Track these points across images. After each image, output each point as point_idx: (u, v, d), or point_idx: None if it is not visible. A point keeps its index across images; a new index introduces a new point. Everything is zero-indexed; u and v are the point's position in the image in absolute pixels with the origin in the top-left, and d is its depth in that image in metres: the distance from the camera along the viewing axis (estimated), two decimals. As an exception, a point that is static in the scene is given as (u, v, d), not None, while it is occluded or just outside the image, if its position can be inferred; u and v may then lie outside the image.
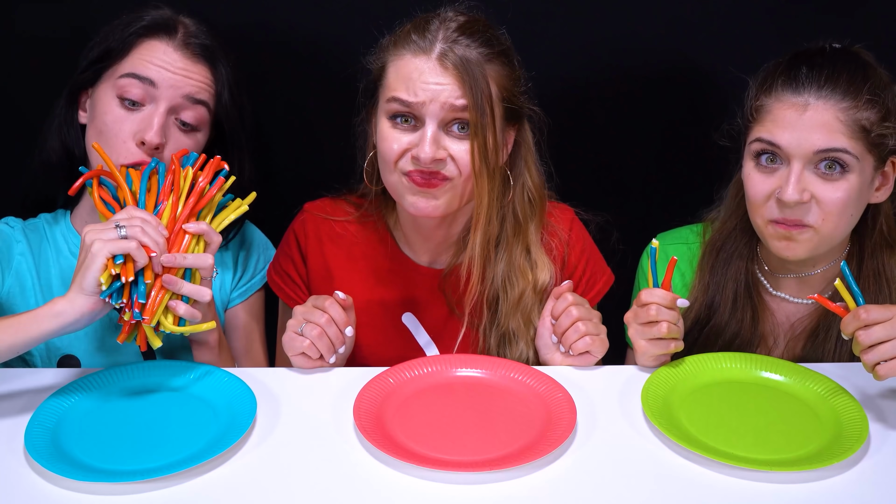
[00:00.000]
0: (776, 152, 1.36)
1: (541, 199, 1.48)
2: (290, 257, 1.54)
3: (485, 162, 1.35)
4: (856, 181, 1.35)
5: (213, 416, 1.26)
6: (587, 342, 1.37)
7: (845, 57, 1.38)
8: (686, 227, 1.58)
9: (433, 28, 1.36)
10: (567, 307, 1.39)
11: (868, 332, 1.22)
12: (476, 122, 1.33)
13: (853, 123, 1.32)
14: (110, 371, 1.33)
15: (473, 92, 1.33)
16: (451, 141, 1.35)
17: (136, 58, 1.42)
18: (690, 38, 1.76)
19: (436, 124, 1.34)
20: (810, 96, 1.33)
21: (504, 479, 1.16)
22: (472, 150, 1.34)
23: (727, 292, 1.47)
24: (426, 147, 1.33)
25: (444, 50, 1.34)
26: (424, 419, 1.26)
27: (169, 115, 1.42)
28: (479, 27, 1.38)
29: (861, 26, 1.72)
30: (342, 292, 1.39)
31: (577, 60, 1.76)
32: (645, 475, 1.17)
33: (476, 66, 1.33)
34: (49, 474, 1.14)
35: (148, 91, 1.41)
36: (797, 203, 1.34)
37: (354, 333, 1.41)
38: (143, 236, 1.24)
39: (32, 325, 1.23)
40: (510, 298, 1.46)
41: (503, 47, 1.39)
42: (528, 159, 1.47)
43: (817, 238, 1.38)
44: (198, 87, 1.43)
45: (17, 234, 1.51)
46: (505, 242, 1.46)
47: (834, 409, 1.28)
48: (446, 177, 1.36)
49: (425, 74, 1.34)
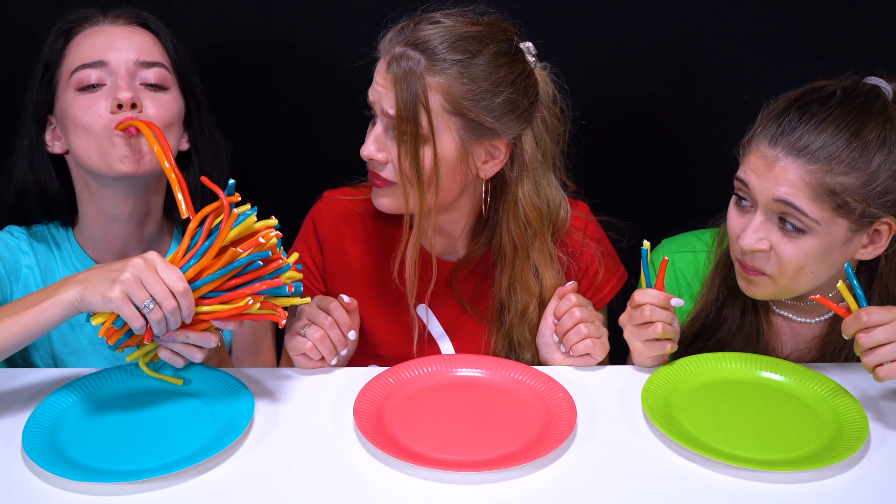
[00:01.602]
0: (747, 194, 1.34)
1: (539, 221, 1.44)
2: (306, 245, 1.53)
3: (415, 170, 1.35)
4: (815, 243, 1.31)
5: (210, 417, 1.25)
6: (588, 345, 1.37)
7: (848, 106, 1.31)
8: (692, 234, 1.55)
9: (406, 30, 1.37)
10: (570, 308, 1.39)
11: (869, 334, 1.22)
12: (404, 131, 1.34)
13: (819, 187, 1.28)
14: (108, 371, 1.32)
15: (405, 101, 1.33)
16: (392, 146, 1.37)
17: (77, 51, 1.40)
18: (699, 38, 1.76)
19: (382, 125, 1.38)
20: (781, 151, 1.29)
21: (504, 479, 1.15)
22: (399, 156, 1.36)
23: (736, 305, 1.46)
24: (367, 145, 1.38)
25: (394, 55, 1.35)
26: (424, 419, 1.26)
27: (132, 79, 1.39)
28: (456, 37, 1.34)
29: (861, 26, 1.73)
30: (347, 296, 1.39)
31: (582, 60, 1.76)
32: (645, 475, 1.17)
33: (414, 77, 1.33)
34: (46, 474, 1.14)
35: (103, 70, 1.38)
36: (754, 251, 1.33)
37: (357, 336, 1.41)
38: (155, 326, 1.20)
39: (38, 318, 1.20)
40: (513, 310, 1.46)
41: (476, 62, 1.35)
42: (524, 176, 1.42)
43: (776, 287, 1.36)
44: (146, 49, 1.41)
45: (24, 245, 1.47)
46: (501, 262, 1.46)
47: (834, 409, 1.28)
48: (386, 180, 1.39)
49: (377, 76, 1.38)
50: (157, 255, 1.20)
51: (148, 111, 1.38)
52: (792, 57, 1.76)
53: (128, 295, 1.17)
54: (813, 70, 1.44)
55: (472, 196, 1.44)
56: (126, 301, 1.17)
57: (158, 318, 1.18)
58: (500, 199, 1.44)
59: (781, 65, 1.75)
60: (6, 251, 1.45)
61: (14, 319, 1.20)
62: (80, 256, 1.49)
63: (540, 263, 1.45)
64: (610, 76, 1.79)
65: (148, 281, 1.17)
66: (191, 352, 1.26)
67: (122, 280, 1.17)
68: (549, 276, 1.46)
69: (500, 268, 1.46)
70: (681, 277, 1.52)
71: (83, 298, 1.18)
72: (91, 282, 1.19)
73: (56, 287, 1.21)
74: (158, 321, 1.19)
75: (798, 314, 1.46)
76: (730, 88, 1.77)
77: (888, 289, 1.39)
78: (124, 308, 1.17)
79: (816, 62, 1.73)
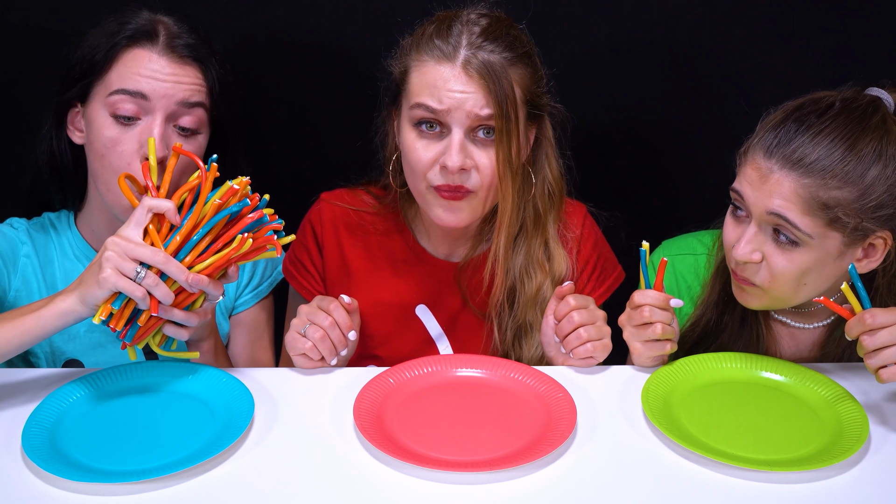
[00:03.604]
0: (742, 205, 1.34)
1: (560, 191, 1.48)
2: (305, 246, 1.53)
3: (509, 166, 1.36)
4: (808, 256, 1.30)
5: (210, 417, 1.25)
6: (588, 349, 1.37)
7: (846, 118, 1.30)
8: (693, 236, 1.54)
9: (455, 32, 1.35)
10: (569, 312, 1.38)
11: (873, 336, 1.22)
12: (502, 129, 1.34)
13: (812, 200, 1.27)
14: (108, 371, 1.32)
15: (499, 99, 1.32)
16: (476, 149, 1.36)
17: (123, 70, 1.38)
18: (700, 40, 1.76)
19: (462, 132, 1.35)
20: (776, 164, 1.29)
21: (504, 479, 1.15)
22: (498, 157, 1.35)
23: (736, 312, 1.45)
24: (453, 156, 1.34)
25: (468, 57, 1.33)
26: (424, 419, 1.26)
27: (167, 123, 1.38)
28: (502, 29, 1.37)
29: (862, 27, 1.73)
30: (347, 296, 1.40)
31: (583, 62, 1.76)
32: (645, 475, 1.17)
33: (500, 72, 1.33)
34: (46, 474, 1.14)
35: (141, 104, 1.37)
36: (746, 262, 1.33)
37: (357, 337, 1.41)
38: (156, 290, 1.21)
39: (36, 324, 1.23)
40: (527, 291, 1.46)
41: (526, 48, 1.38)
42: (548, 153, 1.46)
43: (767, 297, 1.35)
44: (190, 90, 1.40)
45: (22, 235, 1.50)
46: (524, 236, 1.47)
47: (834, 409, 1.28)
48: (469, 190, 1.37)
49: (450, 82, 1.33)
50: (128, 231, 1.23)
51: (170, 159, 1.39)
52: (793, 59, 1.76)
53: (117, 269, 1.20)
54: (815, 71, 1.45)
55: None
56: (119, 275, 1.20)
57: (155, 281, 1.21)
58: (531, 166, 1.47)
59: (782, 66, 1.75)
60: (4, 242, 1.47)
61: (11, 325, 1.23)
62: (79, 244, 1.51)
63: (552, 239, 1.47)
64: (611, 78, 1.78)
65: (130, 250, 1.21)
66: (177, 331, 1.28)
67: (106, 259, 1.21)
68: (560, 255, 1.47)
69: (515, 249, 1.46)
70: (681, 280, 1.51)
71: (83, 296, 1.22)
72: (83, 281, 1.23)
73: (54, 296, 1.25)
74: (157, 285, 1.21)
75: (798, 320, 1.46)
76: (732, 90, 1.76)
77: (886, 303, 1.37)
78: (119, 282, 1.20)
79: (817, 63, 1.74)
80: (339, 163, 1.54)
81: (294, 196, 1.56)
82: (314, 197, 1.56)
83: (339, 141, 1.58)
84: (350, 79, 1.69)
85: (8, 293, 1.47)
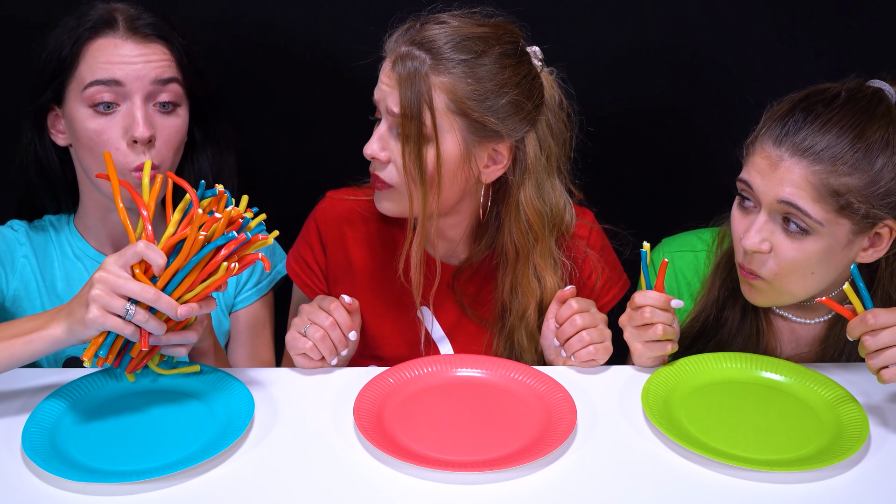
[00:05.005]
0: (751, 195, 1.34)
1: (542, 225, 1.44)
2: (309, 245, 1.53)
3: (418, 170, 1.35)
4: (818, 245, 1.31)
5: (210, 417, 1.25)
6: (590, 351, 1.37)
7: (852, 108, 1.31)
8: (692, 234, 1.55)
9: (412, 30, 1.37)
10: (571, 315, 1.38)
11: (875, 336, 1.21)
12: (408, 131, 1.34)
13: (822, 187, 1.28)
14: (108, 372, 1.32)
15: (409, 100, 1.33)
16: (395, 145, 1.36)
17: (92, 62, 1.39)
18: (700, 41, 1.76)
19: (386, 124, 1.38)
20: (786, 152, 1.30)
21: (504, 479, 1.15)
22: (404, 156, 1.35)
23: (737, 306, 1.46)
24: (371, 143, 1.38)
25: (399, 54, 1.35)
26: (424, 419, 1.26)
27: (146, 103, 1.39)
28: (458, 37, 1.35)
29: (863, 26, 1.73)
30: (348, 296, 1.40)
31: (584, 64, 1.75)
32: (645, 475, 1.17)
33: (419, 77, 1.33)
34: (46, 474, 1.14)
35: (117, 91, 1.38)
36: (755, 251, 1.33)
37: (358, 337, 1.41)
38: (147, 325, 1.20)
39: (25, 349, 1.22)
40: (514, 312, 1.46)
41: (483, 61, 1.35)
42: (527, 179, 1.41)
43: (773, 291, 1.36)
44: (161, 67, 1.41)
45: (21, 237, 1.50)
46: (504, 265, 1.46)
47: (834, 409, 1.28)
48: (385, 182, 1.38)
49: (382, 75, 1.38)
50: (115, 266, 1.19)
51: (158, 140, 1.40)
52: (794, 59, 1.76)
53: (105, 308, 1.17)
54: (815, 71, 1.44)
55: (473, 200, 1.44)
56: (106, 315, 1.17)
57: (144, 318, 1.19)
58: (502, 203, 1.44)
59: (784, 66, 1.75)
60: (2, 243, 1.48)
61: (1, 346, 1.22)
62: (79, 244, 1.51)
63: (541, 267, 1.45)
64: (612, 79, 1.78)
65: (118, 287, 1.17)
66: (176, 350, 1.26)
67: (93, 298, 1.17)
68: (550, 280, 1.45)
69: (503, 270, 1.46)
70: (680, 277, 1.52)
71: (72, 331, 1.20)
72: (72, 314, 1.20)
73: (47, 320, 1.22)
74: (147, 320, 1.19)
75: (798, 314, 1.46)
76: (732, 91, 1.77)
77: (888, 293, 1.38)
78: (108, 322, 1.18)
79: (818, 63, 1.74)
80: (342, 163, 1.54)
81: (295, 196, 1.57)
82: (312, 194, 1.56)
83: (342, 141, 1.58)
84: (345, 75, 1.68)
85: (6, 294, 1.48)
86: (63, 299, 1.49)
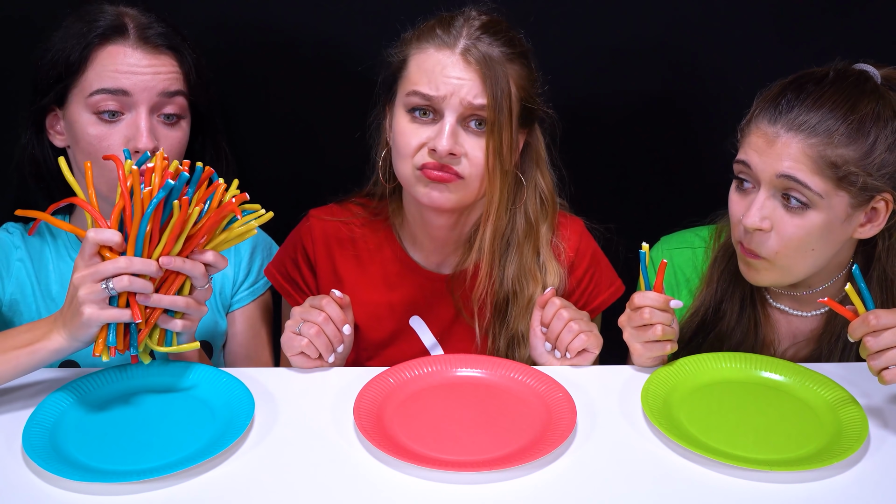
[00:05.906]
0: (749, 175, 1.36)
1: (552, 201, 1.49)
2: (296, 264, 1.53)
3: (499, 160, 1.36)
4: (818, 219, 1.32)
5: (210, 417, 1.25)
6: (583, 339, 1.38)
7: (841, 85, 1.34)
8: (690, 231, 1.56)
9: (458, 24, 1.37)
10: (557, 311, 1.40)
11: (877, 337, 1.22)
12: (493, 121, 1.35)
13: (820, 159, 1.30)
14: (108, 371, 1.32)
15: (493, 90, 1.34)
16: (467, 137, 1.36)
17: (100, 70, 1.38)
18: (696, 39, 1.76)
19: (455, 118, 1.35)
20: (782, 128, 1.32)
21: (504, 479, 1.15)
22: (488, 148, 1.36)
23: (735, 298, 1.46)
24: (443, 140, 1.34)
25: (468, 45, 1.35)
26: (424, 419, 1.26)
27: (151, 115, 1.39)
28: (502, 27, 1.39)
29: (862, 26, 1.73)
30: (339, 291, 1.40)
31: (580, 60, 1.76)
32: (645, 475, 1.17)
33: (498, 65, 1.35)
34: (46, 474, 1.14)
35: (123, 101, 1.38)
36: (755, 230, 1.34)
37: (353, 332, 1.41)
38: (132, 286, 1.20)
39: (29, 360, 1.24)
40: (520, 301, 1.46)
41: (523, 49, 1.41)
42: (539, 162, 1.48)
43: (775, 270, 1.37)
44: (169, 79, 1.40)
45: (17, 239, 1.50)
46: (516, 244, 1.47)
47: (834, 408, 1.28)
48: (458, 174, 1.37)
49: (448, 69, 1.35)
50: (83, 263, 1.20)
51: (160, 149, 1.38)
52: (791, 58, 1.74)
53: (94, 302, 1.19)
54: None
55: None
56: (100, 309, 1.19)
57: (123, 284, 1.19)
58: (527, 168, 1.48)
59: (780, 65, 1.74)
60: None
61: (5, 358, 1.24)
62: (75, 244, 1.51)
63: (544, 248, 1.47)
64: (607, 76, 1.79)
65: (94, 276, 1.19)
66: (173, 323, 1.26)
67: (80, 301, 1.19)
68: (552, 264, 1.47)
69: (506, 258, 1.46)
70: (679, 273, 1.52)
71: (74, 334, 1.22)
72: (68, 322, 1.22)
73: (46, 331, 1.24)
74: (130, 284, 1.19)
75: (795, 307, 1.47)
76: (728, 88, 1.76)
77: (885, 272, 1.40)
78: (104, 314, 1.20)
79: (818, 63, 1.73)
80: (340, 164, 1.54)
81: (295, 196, 1.57)
82: (312, 194, 1.55)
83: (340, 141, 1.58)
84: (346, 77, 1.69)
85: (3, 299, 1.47)
86: (58, 302, 1.48)
